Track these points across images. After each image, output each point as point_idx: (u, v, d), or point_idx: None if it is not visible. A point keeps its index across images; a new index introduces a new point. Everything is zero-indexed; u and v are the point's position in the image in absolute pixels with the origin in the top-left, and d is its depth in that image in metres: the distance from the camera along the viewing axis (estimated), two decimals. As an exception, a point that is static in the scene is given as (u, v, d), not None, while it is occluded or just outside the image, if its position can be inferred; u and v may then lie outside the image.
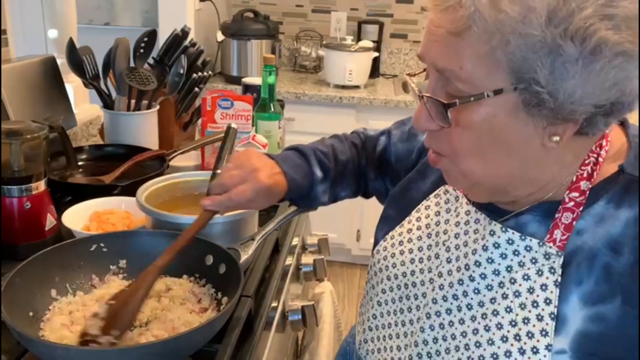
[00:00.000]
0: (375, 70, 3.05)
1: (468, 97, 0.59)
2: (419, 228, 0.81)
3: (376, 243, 0.87)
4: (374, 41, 2.98)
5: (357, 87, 2.82)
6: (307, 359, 1.23)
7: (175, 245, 0.80)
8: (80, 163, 1.34)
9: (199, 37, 2.73)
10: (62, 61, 1.45)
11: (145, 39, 1.44)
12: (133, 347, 0.71)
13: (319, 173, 0.92)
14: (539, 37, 0.54)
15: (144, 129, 1.41)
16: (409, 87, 0.69)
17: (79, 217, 1.06)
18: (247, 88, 1.67)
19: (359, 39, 3.05)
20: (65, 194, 1.19)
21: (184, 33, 1.48)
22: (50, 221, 1.02)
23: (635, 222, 0.62)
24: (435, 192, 0.81)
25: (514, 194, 0.68)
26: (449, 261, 0.74)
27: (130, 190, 1.07)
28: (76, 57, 1.38)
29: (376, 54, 2.93)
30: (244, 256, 0.91)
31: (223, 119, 1.37)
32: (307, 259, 1.25)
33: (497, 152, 0.62)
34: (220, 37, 2.86)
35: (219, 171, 1.06)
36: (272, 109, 1.49)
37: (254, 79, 1.68)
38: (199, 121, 1.52)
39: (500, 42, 0.55)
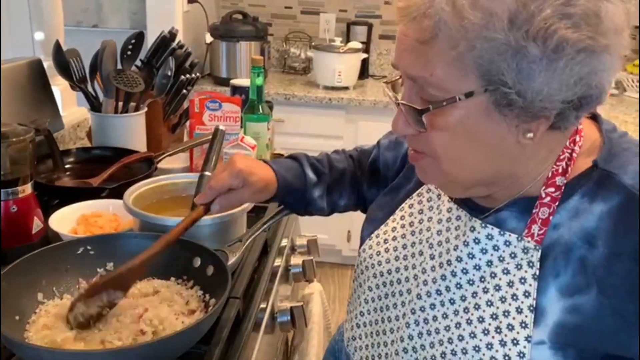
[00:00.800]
0: (364, 71, 3.06)
1: (441, 102, 0.61)
2: (402, 226, 0.83)
3: (362, 242, 0.89)
4: (362, 42, 2.99)
5: (346, 88, 2.83)
6: (297, 360, 1.23)
7: (162, 241, 0.81)
8: (67, 166, 1.34)
9: (187, 38, 2.73)
10: (49, 64, 1.44)
11: (133, 41, 1.44)
12: (119, 349, 0.70)
13: (312, 176, 0.94)
14: (503, 40, 0.56)
15: (131, 131, 1.41)
16: (384, 94, 0.71)
17: (67, 220, 1.05)
18: (236, 90, 1.67)
19: (347, 40, 3.06)
20: (53, 197, 1.19)
21: (172, 35, 1.48)
22: (37, 224, 1.01)
23: (608, 215, 0.64)
24: (418, 191, 0.84)
25: (489, 189, 0.70)
26: (432, 257, 0.76)
27: (118, 193, 1.07)
28: (63, 60, 1.37)
29: (365, 55, 2.94)
30: (232, 258, 0.91)
31: (211, 120, 1.37)
32: (296, 260, 1.25)
33: (474, 151, 0.64)
34: (209, 38, 2.86)
35: (207, 173, 1.06)
36: (261, 111, 1.50)
37: (242, 81, 1.68)
38: (187, 123, 1.52)
39: (467, 48, 0.57)
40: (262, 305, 0.99)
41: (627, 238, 0.62)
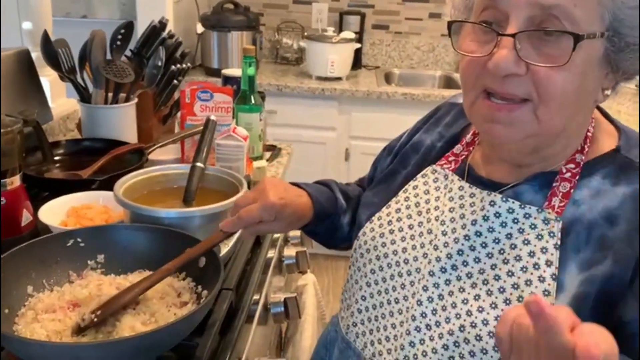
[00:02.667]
0: (357, 62, 3.04)
1: (582, 35, 0.61)
2: (407, 207, 0.82)
3: (360, 227, 0.87)
4: (355, 32, 2.97)
5: (339, 78, 2.82)
6: (291, 351, 1.23)
7: (178, 260, 0.79)
8: (57, 158, 1.32)
9: (178, 29, 2.70)
10: (37, 54, 1.42)
11: (122, 31, 1.42)
12: (111, 342, 0.70)
13: (342, 201, 0.95)
14: None
15: (121, 122, 1.39)
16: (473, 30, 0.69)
17: (56, 213, 1.04)
18: (227, 80, 1.65)
19: (340, 30, 3.04)
20: (42, 190, 1.17)
21: (162, 25, 1.46)
22: (26, 217, 1.00)
23: (632, 198, 0.67)
24: (422, 173, 0.84)
25: (543, 152, 0.71)
26: (444, 234, 0.76)
27: (108, 185, 1.06)
28: (51, 50, 1.35)
29: (358, 45, 2.92)
30: (224, 249, 0.90)
31: (203, 111, 1.36)
32: (290, 252, 1.25)
33: (575, 100, 0.65)
34: (200, 29, 2.83)
35: (198, 164, 1.05)
36: (253, 101, 1.48)
37: (234, 71, 1.67)
38: (178, 114, 1.51)
39: None
40: (255, 297, 0.98)
41: None
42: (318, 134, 2.77)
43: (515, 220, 0.71)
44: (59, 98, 1.65)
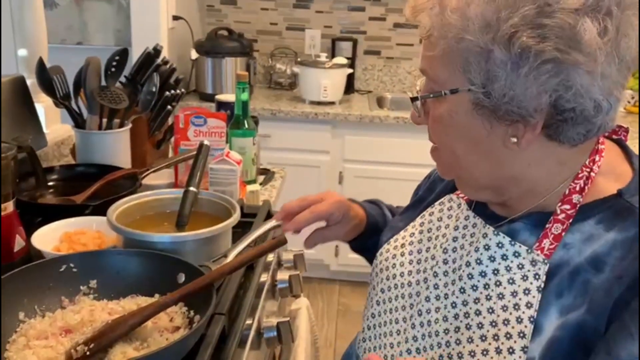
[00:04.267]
0: (349, 87, 3.08)
1: (429, 95, 0.70)
2: (421, 232, 0.86)
3: (380, 246, 0.91)
4: (348, 58, 3.01)
5: (332, 103, 2.84)
6: (284, 376, 1.21)
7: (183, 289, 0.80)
8: (51, 183, 1.32)
9: (172, 55, 2.73)
10: (32, 81, 1.44)
11: (117, 57, 1.44)
12: (103, 369, 0.69)
13: (390, 216, 1.01)
14: (475, 43, 0.62)
15: (116, 147, 1.40)
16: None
17: (49, 238, 1.04)
18: (221, 105, 1.67)
19: (333, 55, 3.08)
20: (36, 215, 1.17)
21: (157, 51, 1.48)
22: (19, 243, 1.00)
23: (622, 244, 0.64)
24: (440, 200, 0.87)
25: (499, 195, 0.73)
26: (445, 262, 0.78)
27: (102, 210, 1.06)
28: (46, 77, 1.37)
29: (350, 71, 2.96)
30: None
31: (196, 136, 1.37)
32: (283, 275, 1.24)
33: (465, 147, 0.70)
34: (194, 55, 2.86)
35: (192, 188, 1.06)
36: (246, 126, 1.50)
37: (228, 96, 1.69)
38: (172, 139, 1.52)
39: (449, 47, 0.64)
40: (248, 322, 0.98)
41: (631, 264, 0.63)
42: (312, 158, 2.79)
43: (504, 257, 0.71)
44: (54, 124, 1.66)
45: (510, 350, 0.66)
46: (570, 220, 0.68)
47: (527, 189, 0.70)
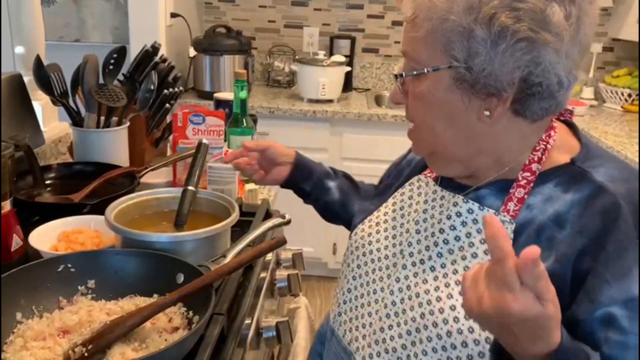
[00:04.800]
0: (348, 84, 3.07)
1: (411, 72, 0.76)
2: (394, 211, 0.92)
3: (354, 228, 0.98)
4: (346, 56, 3.00)
5: (330, 101, 2.84)
6: (283, 376, 1.21)
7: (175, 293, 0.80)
8: (48, 182, 1.31)
9: (170, 53, 2.72)
10: (29, 78, 1.43)
11: (115, 55, 1.43)
12: (101, 370, 0.69)
13: (328, 168, 1.15)
14: (458, 22, 0.69)
15: (114, 146, 1.40)
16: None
17: (47, 237, 1.03)
18: (219, 103, 1.67)
19: (331, 53, 3.07)
20: (33, 214, 1.17)
21: (155, 49, 1.47)
22: (16, 242, 0.99)
23: (578, 203, 0.73)
24: (410, 181, 0.94)
25: (468, 167, 0.80)
26: (417, 232, 0.85)
27: (100, 209, 1.05)
28: (43, 74, 1.36)
29: (348, 69, 2.96)
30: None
31: (195, 134, 1.37)
32: (282, 274, 1.24)
33: (443, 122, 0.77)
34: (192, 52, 2.85)
35: (190, 187, 1.05)
36: (245, 124, 1.49)
37: (226, 94, 1.68)
38: (171, 137, 1.51)
39: (434, 27, 0.71)
40: (247, 321, 0.97)
41: (589, 220, 0.71)
42: (310, 155, 2.74)
43: (475, 221, 0.78)
44: (51, 122, 1.65)
45: None
46: (532, 185, 0.76)
47: (494, 159, 0.78)
